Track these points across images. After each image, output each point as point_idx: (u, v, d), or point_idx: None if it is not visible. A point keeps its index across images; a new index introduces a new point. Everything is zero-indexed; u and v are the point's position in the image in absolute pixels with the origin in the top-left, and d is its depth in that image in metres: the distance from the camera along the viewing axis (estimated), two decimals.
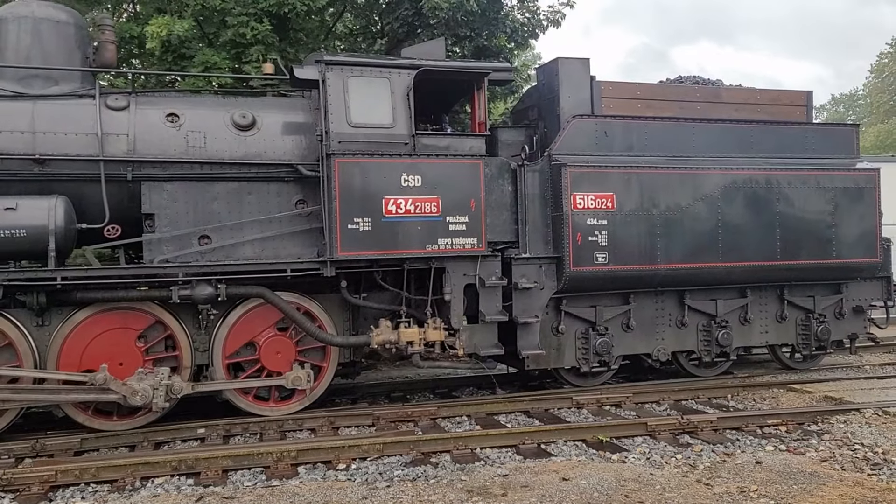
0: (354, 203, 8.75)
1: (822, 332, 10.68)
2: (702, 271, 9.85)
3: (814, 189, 10.27)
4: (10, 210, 8.12)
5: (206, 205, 8.99)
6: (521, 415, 9.21)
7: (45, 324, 8.61)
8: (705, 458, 7.24)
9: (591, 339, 9.84)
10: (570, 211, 9.32)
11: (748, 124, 10.28)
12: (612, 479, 6.30)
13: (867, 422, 8.32)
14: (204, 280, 8.60)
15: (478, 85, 9.40)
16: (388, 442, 7.64)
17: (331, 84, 8.80)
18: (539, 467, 6.84)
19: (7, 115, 8.54)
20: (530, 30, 16.17)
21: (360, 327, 9.57)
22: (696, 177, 9.82)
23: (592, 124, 9.68)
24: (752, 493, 6.06)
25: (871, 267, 10.64)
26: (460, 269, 9.24)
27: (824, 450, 7.45)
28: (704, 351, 10.37)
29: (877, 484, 6.25)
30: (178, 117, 8.99)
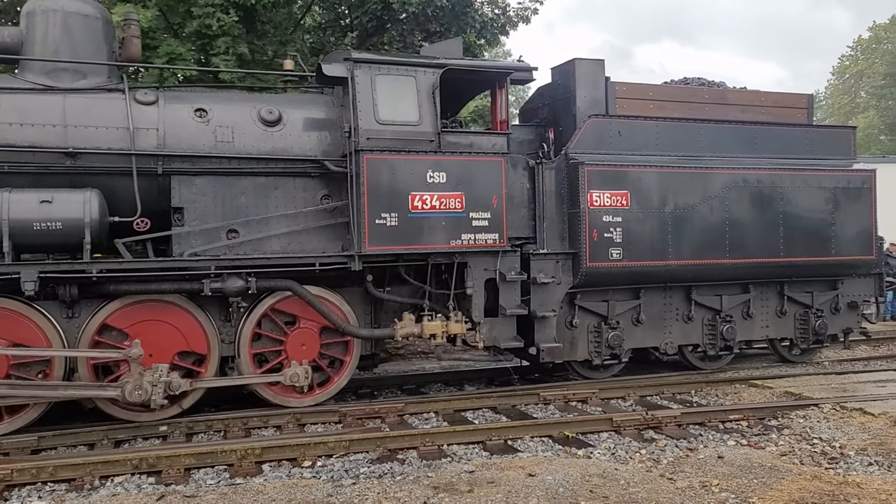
0: (382, 199, 9.02)
1: (819, 326, 11.23)
2: (710, 267, 10.32)
3: (815, 189, 10.80)
4: (47, 203, 8.29)
5: (234, 199, 9.21)
6: (489, 411, 9.36)
7: (75, 315, 8.76)
8: (669, 453, 7.41)
9: (604, 332, 10.24)
10: (586, 208, 9.70)
11: (753, 125, 10.77)
12: (578, 475, 6.40)
13: (825, 417, 8.58)
14: (235, 273, 8.82)
15: (500, 84, 9.74)
16: (354, 439, 7.67)
17: (359, 82, 9.05)
18: (505, 463, 6.92)
19: (38, 108, 8.69)
20: (500, 26, 16.46)
21: (381, 320, 9.85)
22: (705, 176, 10.28)
23: (607, 124, 10.08)
24: (714, 488, 6.21)
25: (867, 264, 11.22)
26: (482, 263, 9.57)
27: (784, 444, 7.69)
28: (710, 344, 10.85)
29: (834, 477, 6.45)
30: (207, 112, 9.20)
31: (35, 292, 8.15)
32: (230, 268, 8.79)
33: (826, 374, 10.91)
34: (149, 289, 8.72)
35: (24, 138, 8.53)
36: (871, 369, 11.28)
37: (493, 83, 9.83)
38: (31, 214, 8.21)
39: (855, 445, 7.47)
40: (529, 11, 16.93)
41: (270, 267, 8.96)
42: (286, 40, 15.10)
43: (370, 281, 9.39)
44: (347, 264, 9.07)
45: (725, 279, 10.66)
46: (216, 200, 9.15)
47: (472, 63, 9.82)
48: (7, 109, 8.57)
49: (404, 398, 9.85)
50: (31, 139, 8.55)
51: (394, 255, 9.26)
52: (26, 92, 8.76)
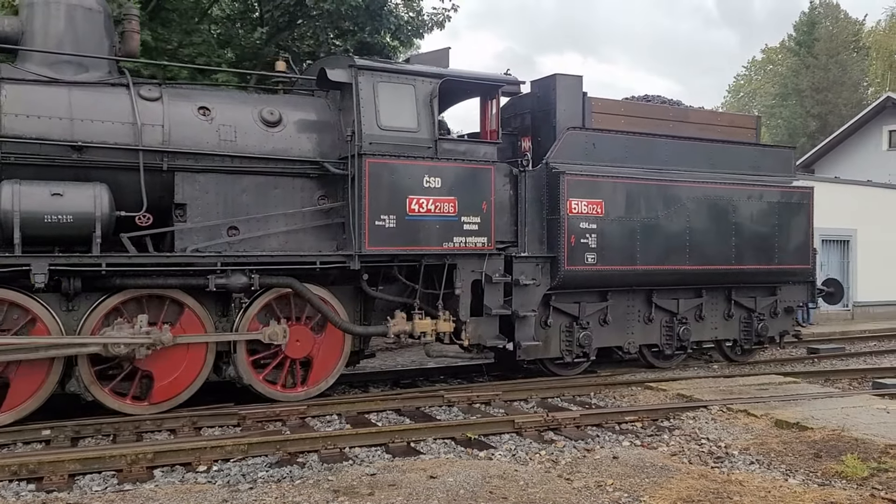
0: (382, 201, 9.50)
1: (761, 328, 12.38)
2: (672, 272, 11.28)
3: (762, 203, 11.93)
4: (58, 196, 8.41)
5: (236, 197, 9.51)
6: (393, 413, 9.44)
7: (73, 308, 8.87)
8: (567, 454, 7.58)
9: (575, 332, 11.02)
10: (566, 215, 10.46)
11: (710, 143, 11.81)
12: (479, 476, 6.48)
13: (713, 418, 8.94)
14: (238, 270, 9.12)
15: (491, 95, 10.39)
16: (253, 442, 7.55)
17: (362, 88, 9.50)
18: (407, 465, 6.94)
19: (45, 100, 8.78)
20: (414, 29, 16.74)
21: (370, 318, 10.31)
22: (669, 188, 11.22)
23: (584, 136, 10.88)
24: (609, 487, 6.40)
25: (804, 272, 12.47)
26: (470, 265, 10.19)
27: (674, 444, 7.98)
28: (667, 344, 11.81)
29: (719, 476, 6.73)
30: (210, 111, 9.46)
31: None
32: (234, 264, 9.10)
33: (715, 377, 11.53)
34: (155, 283, 8.94)
35: (31, 130, 8.61)
36: (755, 373, 11.95)
37: (484, 94, 10.47)
38: (42, 207, 8.31)
39: (739, 445, 7.85)
40: (443, 16, 17.24)
41: (273, 264, 9.31)
42: (191, 30, 14.93)
43: (366, 280, 9.85)
44: (346, 263, 9.51)
45: (683, 284, 11.64)
46: (218, 198, 9.43)
47: (469, 74, 10.41)
48: (13, 100, 8.63)
49: (306, 400, 9.56)
50: (39, 131, 8.64)
51: (390, 255, 9.76)
52: (32, 83, 8.83)
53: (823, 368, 12.77)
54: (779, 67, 49.53)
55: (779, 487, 6.37)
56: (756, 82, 50.64)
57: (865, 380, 11.80)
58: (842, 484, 6.59)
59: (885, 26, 44.87)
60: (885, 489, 6.33)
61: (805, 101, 48.15)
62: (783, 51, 49.23)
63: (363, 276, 9.79)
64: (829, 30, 48.86)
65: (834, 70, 48.09)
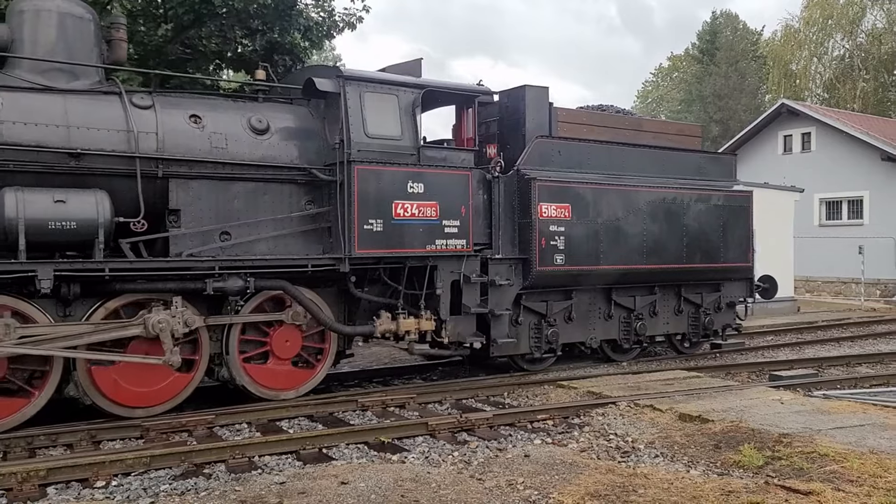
0: (370, 206, 9.97)
1: (708, 322, 13.37)
2: (631, 271, 12.12)
3: (709, 206, 12.92)
4: (61, 202, 8.60)
5: (227, 203, 9.82)
6: (305, 419, 9.40)
7: (70, 314, 9.04)
8: (480, 455, 7.68)
9: (544, 329, 11.72)
10: (537, 218, 11.15)
11: (662, 150, 12.72)
12: (391, 480, 6.51)
13: (621, 413, 9.16)
14: (234, 273, 9.46)
15: (468, 105, 11.00)
16: (156, 455, 7.37)
17: (350, 97, 9.96)
18: (318, 472, 6.89)
19: (41, 108, 8.93)
20: (325, 30, 16.79)
21: (355, 319, 10.76)
22: (628, 192, 12.06)
23: (550, 144, 11.60)
24: (519, 485, 6.49)
25: (745, 269, 13.52)
26: (449, 266, 10.75)
27: (584, 441, 8.16)
28: (625, 339, 12.64)
29: (625, 470, 6.92)
30: (201, 119, 9.75)
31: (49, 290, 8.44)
32: (231, 268, 9.43)
33: (624, 374, 11.82)
34: (154, 287, 9.19)
35: (29, 137, 8.75)
36: (661, 368, 12.37)
37: (461, 103, 11.07)
38: (46, 214, 8.50)
39: (644, 439, 8.07)
40: (355, 18, 17.31)
41: (267, 268, 9.67)
42: None
43: (353, 282, 10.30)
44: (336, 266, 9.95)
45: (640, 282, 12.50)
46: (210, 204, 9.72)
47: (447, 85, 11.00)
48: (10, 108, 8.75)
49: (215, 409, 9.35)
50: (37, 138, 8.78)
51: (377, 258, 10.24)
52: (27, 91, 8.97)
53: (724, 363, 13.30)
54: (683, 74, 51.83)
55: (681, 479, 6.61)
56: (663, 88, 52.90)
57: (763, 373, 12.37)
58: (739, 473, 6.86)
59: (781, 37, 47.30)
60: (778, 476, 6.62)
61: (708, 106, 50.59)
62: (688, 58, 51.58)
63: (351, 278, 10.23)
64: (729, 39, 51.46)
65: (734, 78, 50.71)
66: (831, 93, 47.60)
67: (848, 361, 13.58)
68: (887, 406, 9.24)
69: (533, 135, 11.50)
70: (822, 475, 6.54)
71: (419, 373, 12.54)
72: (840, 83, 46.45)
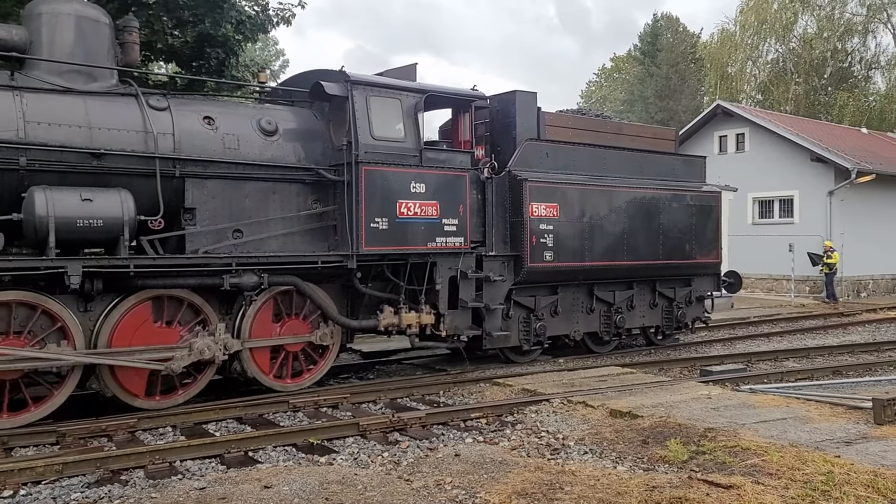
0: (376, 205, 10.52)
1: (680, 315, 14.25)
2: (613, 267, 12.91)
3: (683, 205, 13.79)
4: (88, 201, 8.93)
5: (239, 202, 10.27)
6: (234, 421, 9.24)
7: (89, 309, 9.39)
8: (410, 455, 7.62)
9: (532, 322, 12.41)
10: (528, 217, 11.83)
11: (640, 152, 13.53)
12: (316, 483, 6.42)
13: (554, 410, 9.21)
14: (249, 269, 9.91)
15: (465, 109, 11.63)
16: (69, 461, 7.12)
17: (357, 101, 10.48)
18: (242, 476, 6.77)
19: (64, 109, 9.26)
20: (259, 24, 16.81)
21: (358, 313, 11.28)
22: (610, 193, 12.84)
23: (539, 146, 12.30)
24: (447, 485, 6.46)
25: (715, 265, 14.45)
26: (448, 263, 11.36)
27: (515, 439, 8.18)
28: (605, 331, 13.42)
29: (554, 467, 6.93)
30: (214, 120, 10.17)
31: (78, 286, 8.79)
32: (247, 264, 9.88)
33: (559, 371, 11.95)
34: (174, 283, 9.59)
35: (53, 137, 9.06)
36: (595, 365, 12.58)
37: (458, 107, 11.69)
38: (74, 212, 8.82)
39: (575, 436, 8.14)
40: (289, 13, 17.39)
41: (280, 264, 10.15)
42: (6, 13, 14.21)
43: (358, 278, 10.82)
44: (343, 262, 10.47)
45: (620, 278, 13.29)
46: (224, 202, 10.15)
47: (447, 90, 11.60)
48: (35, 109, 9.06)
49: (138, 413, 9.21)
50: (61, 139, 9.10)
51: (382, 254, 10.78)
52: (49, 92, 9.27)
53: (657, 359, 13.40)
54: (625, 75, 53.33)
55: (608, 475, 6.68)
56: (606, 88, 54.32)
57: (694, 368, 12.57)
58: (664, 468, 6.95)
59: (718, 40, 48.98)
60: (701, 471, 6.72)
61: (650, 107, 52.17)
62: (630, 60, 53.06)
63: (356, 274, 10.75)
64: (670, 41, 53.07)
65: (674, 79, 52.41)
66: (766, 95, 49.37)
67: (776, 356, 13.91)
68: (809, 399, 9.54)
69: (523, 137, 12.18)
70: (744, 469, 6.69)
71: (355, 372, 12.69)
72: (774, 86, 48.16)
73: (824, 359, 13.93)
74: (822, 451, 7.17)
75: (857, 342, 15.85)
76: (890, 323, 19.87)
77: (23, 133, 8.89)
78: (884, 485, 6.22)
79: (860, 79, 49.38)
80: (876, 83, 50.26)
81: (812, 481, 6.32)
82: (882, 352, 14.70)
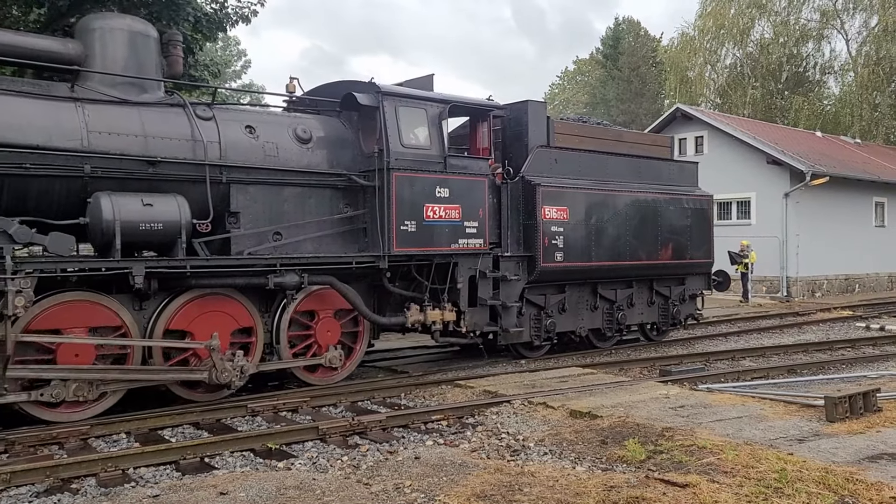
0: (405, 208, 11.36)
1: (675, 312, 15.32)
2: (616, 267, 13.92)
3: (679, 208, 14.85)
4: (149, 206, 9.65)
5: (279, 206, 11.05)
6: (190, 427, 9.17)
7: (143, 308, 10.09)
8: (370, 458, 7.61)
9: (543, 319, 13.35)
10: (541, 220, 12.77)
11: (639, 158, 14.56)
12: (273, 489, 6.39)
13: (515, 412, 9.31)
14: (291, 269, 10.68)
15: (483, 118, 12.53)
16: (17, 470, 7.01)
17: (387, 111, 11.32)
18: (197, 483, 6.71)
19: (122, 119, 9.97)
20: (217, 22, 17.06)
21: (384, 311, 12.09)
22: (614, 196, 13.84)
23: (549, 153, 13.25)
24: (406, 489, 6.47)
25: (708, 265, 15.55)
26: (468, 263, 12.24)
27: (476, 441, 8.23)
28: (608, 328, 14.41)
29: (514, 469, 6.98)
30: (255, 129, 10.93)
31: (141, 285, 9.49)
32: (290, 265, 10.65)
33: (521, 372, 12.25)
34: (224, 283, 10.32)
35: (114, 146, 9.77)
36: (557, 366, 12.82)
37: (477, 117, 12.60)
38: (137, 216, 9.52)
39: (535, 437, 8.21)
40: (249, 11, 17.65)
41: (319, 264, 10.93)
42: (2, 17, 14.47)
43: (388, 277, 11.64)
44: (376, 263, 11.30)
45: (622, 277, 14.30)
46: (265, 206, 10.92)
47: (468, 101, 12.50)
48: (96, 119, 9.75)
49: (91, 419, 9.12)
50: (120, 147, 9.81)
51: (410, 255, 11.63)
52: (107, 103, 9.96)
53: (618, 359, 13.74)
54: (588, 78, 54.76)
55: (566, 476, 6.76)
56: (569, 91, 55.70)
57: (654, 368, 12.91)
58: (622, 468, 7.04)
59: (677, 44, 50.54)
60: (658, 470, 6.82)
61: (612, 109, 53.70)
62: (592, 63, 54.50)
63: (386, 273, 11.57)
64: (631, 45, 54.63)
65: (635, 82, 53.99)
66: (724, 99, 50.89)
67: (733, 355, 14.33)
68: (765, 398, 9.81)
69: (534, 144, 13.11)
70: (700, 467, 6.82)
71: None
72: (732, 90, 49.64)
73: (779, 358, 14.38)
74: (775, 448, 7.41)
75: (811, 341, 16.41)
76: (843, 322, 20.59)
77: (86, 142, 9.58)
78: (834, 481, 6.43)
79: (815, 83, 51.12)
80: (830, 87, 52.26)
81: (766, 479, 6.49)
82: (835, 350, 15.23)
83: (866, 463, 7.02)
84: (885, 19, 44.75)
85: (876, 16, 47.13)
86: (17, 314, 8.56)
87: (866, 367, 13.13)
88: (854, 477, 6.56)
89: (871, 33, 46.96)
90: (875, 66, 45.06)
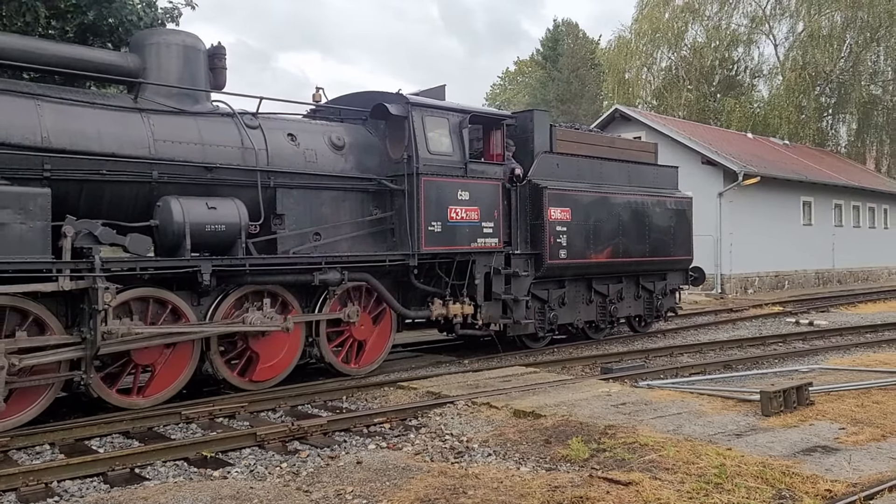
0: (432, 210, 12.48)
1: (659, 306, 16.77)
2: (611, 264, 15.27)
3: (664, 209, 16.30)
4: (213, 209, 10.56)
5: (318, 209, 12.05)
6: (120, 436, 8.92)
7: (201, 303, 10.98)
8: (310, 464, 7.50)
9: (546, 312, 14.61)
10: (547, 220, 14.03)
11: (628, 163, 15.96)
12: (208, 499, 6.27)
13: (459, 413, 9.32)
14: (331, 267, 11.68)
15: (497, 126, 13.73)
16: None
17: (415, 120, 12.42)
18: (126, 496, 6.50)
19: (182, 128, 10.84)
20: (148, 20, 16.88)
21: (409, 306, 13.16)
22: (609, 198, 15.19)
23: (552, 158, 14.52)
24: (348, 495, 6.38)
25: (688, 262, 17.06)
26: (484, 260, 13.41)
27: (419, 443, 8.18)
28: (601, 320, 15.76)
29: (458, 471, 6.95)
30: (296, 137, 11.91)
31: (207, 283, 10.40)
32: (333, 263, 11.65)
33: (464, 372, 12.42)
34: (274, 280, 11.27)
35: (176, 153, 10.64)
36: (500, 366, 13.15)
37: (490, 125, 13.81)
38: (203, 218, 10.43)
39: (479, 438, 8.21)
40: (177, 11, 17.74)
41: (356, 262, 11.97)
42: None
43: (415, 274, 12.73)
44: (405, 261, 12.38)
45: (614, 273, 15.66)
46: (306, 209, 11.91)
47: (485, 112, 13.72)
48: (160, 128, 10.61)
49: (13, 431, 8.71)
50: (183, 154, 10.69)
51: (435, 253, 12.74)
52: (168, 114, 10.83)
53: (560, 357, 13.98)
54: (528, 79, 56.44)
55: (511, 477, 6.78)
56: (510, 91, 57.29)
57: (595, 366, 13.19)
58: (566, 467, 7.07)
59: (615, 47, 52.51)
60: (601, 468, 6.89)
61: (552, 110, 55.33)
62: (532, 64, 56.19)
63: (414, 270, 12.65)
64: (570, 47, 56.52)
65: (575, 83, 55.88)
66: (660, 101, 52.90)
67: (672, 352, 14.68)
68: (703, 394, 9.98)
69: (539, 150, 14.36)
70: (642, 465, 6.89)
71: None
72: (667, 92, 51.65)
73: (716, 353, 14.77)
74: (714, 444, 7.55)
75: (745, 336, 16.98)
76: (774, 318, 21.35)
77: (153, 150, 10.45)
78: (772, 475, 6.59)
79: (746, 87, 53.55)
80: (760, 91, 54.81)
81: (706, 475, 6.60)
82: (767, 345, 15.79)
83: (801, 456, 7.22)
84: (810, 25, 47.32)
85: (802, 22, 49.70)
86: (105, 309, 9.40)
87: (797, 362, 13.43)
88: (790, 470, 6.74)
89: (798, 39, 49.44)
90: (801, 70, 47.29)
